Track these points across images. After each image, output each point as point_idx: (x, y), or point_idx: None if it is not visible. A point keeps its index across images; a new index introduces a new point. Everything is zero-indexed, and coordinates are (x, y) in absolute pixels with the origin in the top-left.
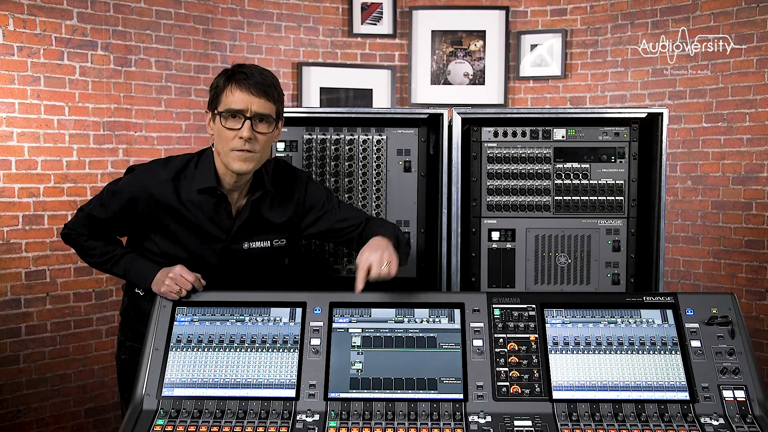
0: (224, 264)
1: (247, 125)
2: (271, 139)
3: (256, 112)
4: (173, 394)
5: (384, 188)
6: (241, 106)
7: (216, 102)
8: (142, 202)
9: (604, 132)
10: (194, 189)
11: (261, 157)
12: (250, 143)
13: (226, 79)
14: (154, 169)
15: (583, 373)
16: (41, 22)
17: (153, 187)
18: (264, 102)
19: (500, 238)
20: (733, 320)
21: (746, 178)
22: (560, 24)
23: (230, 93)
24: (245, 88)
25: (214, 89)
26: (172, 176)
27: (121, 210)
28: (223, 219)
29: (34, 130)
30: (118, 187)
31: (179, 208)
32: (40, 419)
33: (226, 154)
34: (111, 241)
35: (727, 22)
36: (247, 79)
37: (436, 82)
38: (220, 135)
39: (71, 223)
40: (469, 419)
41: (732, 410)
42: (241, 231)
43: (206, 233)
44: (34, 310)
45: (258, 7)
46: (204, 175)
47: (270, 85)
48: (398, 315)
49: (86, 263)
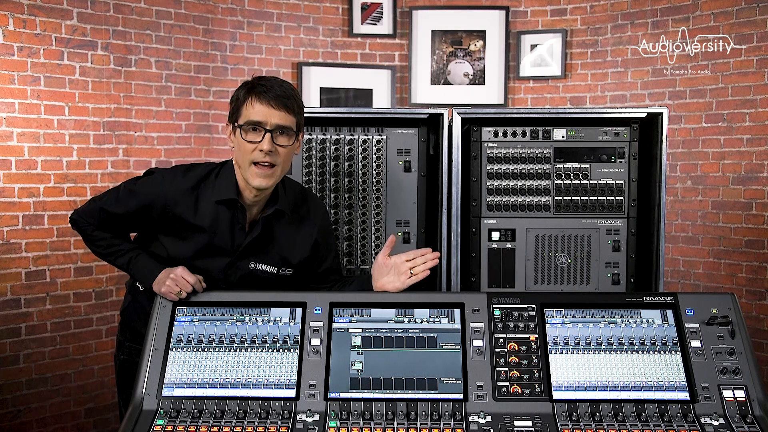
0: (227, 280)
1: (267, 138)
2: (292, 151)
3: (276, 124)
4: (173, 394)
5: (384, 188)
6: (261, 118)
7: (236, 115)
8: (156, 209)
9: (604, 132)
10: (213, 199)
11: (281, 170)
12: (271, 156)
13: (247, 91)
14: (175, 177)
15: (583, 373)
16: (41, 22)
17: (171, 195)
18: (284, 114)
19: (500, 238)
20: (733, 320)
21: (746, 178)
22: (560, 24)
23: (250, 105)
24: (265, 101)
25: (235, 101)
26: (192, 185)
27: (134, 211)
28: (236, 233)
29: (34, 130)
30: (137, 188)
31: (193, 218)
32: (40, 419)
33: (246, 168)
34: (119, 234)
35: (727, 22)
36: (267, 92)
37: (436, 82)
38: (240, 148)
39: (82, 212)
40: (469, 419)
41: (732, 410)
42: (251, 248)
43: (216, 246)
44: (34, 310)
45: (258, 7)
46: (224, 186)
47: (290, 97)
48: (398, 315)
49: (90, 250)
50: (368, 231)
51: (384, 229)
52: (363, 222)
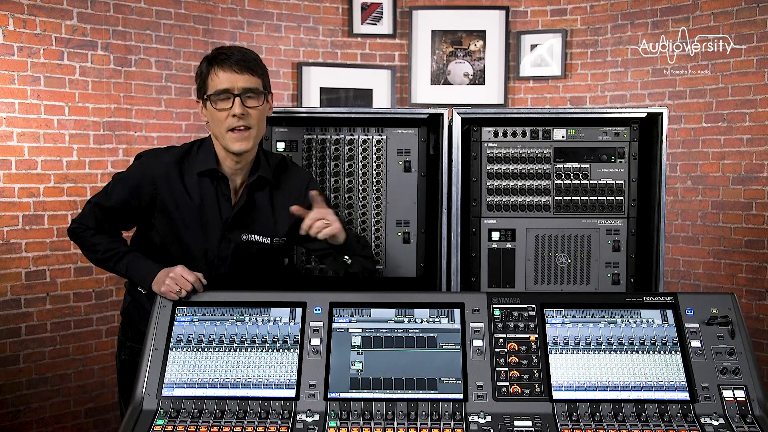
0: (224, 259)
1: (237, 102)
2: (264, 112)
3: (243, 87)
4: (173, 394)
5: (384, 188)
6: (228, 85)
7: (204, 88)
8: (145, 189)
9: (604, 132)
10: (195, 172)
11: (257, 132)
12: (244, 119)
13: (208, 63)
14: (158, 155)
15: (583, 373)
16: (41, 22)
17: (157, 171)
18: (249, 77)
19: (500, 238)
20: (733, 320)
21: (746, 178)
22: (560, 24)
23: (215, 75)
24: (228, 67)
25: (199, 76)
26: (176, 159)
27: (126, 197)
28: (221, 204)
29: (34, 130)
30: (124, 174)
31: (181, 193)
32: (40, 419)
33: (223, 136)
34: (115, 236)
35: (727, 22)
36: (229, 58)
37: (436, 82)
38: (213, 118)
39: (79, 217)
40: (469, 419)
41: (732, 410)
42: (239, 219)
43: (205, 221)
44: (34, 310)
45: (258, 7)
46: (205, 158)
47: (251, 59)
48: (398, 315)
49: (89, 260)
50: (368, 231)
51: (384, 229)
52: (363, 222)
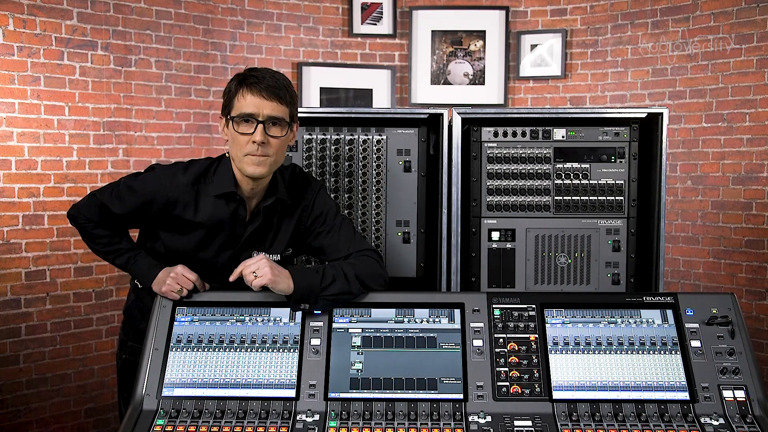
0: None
1: (259, 129)
2: (285, 142)
3: (268, 115)
4: (173, 394)
5: (384, 188)
6: (253, 110)
7: (229, 107)
8: (157, 205)
9: (604, 132)
10: (212, 194)
11: (275, 160)
12: (264, 147)
13: (238, 83)
14: (175, 173)
15: (583, 373)
16: (41, 22)
17: (172, 191)
18: (276, 105)
19: (500, 238)
20: (733, 320)
21: (746, 178)
22: (560, 24)
23: (242, 97)
24: (257, 92)
25: (227, 94)
26: (192, 180)
27: (136, 209)
28: (237, 226)
29: (34, 130)
30: (137, 185)
31: (194, 214)
32: (40, 419)
33: (240, 159)
34: (119, 232)
35: (727, 22)
36: (259, 83)
37: (436, 82)
38: (233, 140)
39: (81, 207)
40: (469, 419)
41: (732, 410)
42: (253, 238)
43: (217, 239)
44: (34, 310)
45: (258, 7)
46: (222, 180)
47: (282, 87)
48: (398, 315)
49: (88, 247)
50: (368, 231)
51: (384, 229)
52: (363, 222)
